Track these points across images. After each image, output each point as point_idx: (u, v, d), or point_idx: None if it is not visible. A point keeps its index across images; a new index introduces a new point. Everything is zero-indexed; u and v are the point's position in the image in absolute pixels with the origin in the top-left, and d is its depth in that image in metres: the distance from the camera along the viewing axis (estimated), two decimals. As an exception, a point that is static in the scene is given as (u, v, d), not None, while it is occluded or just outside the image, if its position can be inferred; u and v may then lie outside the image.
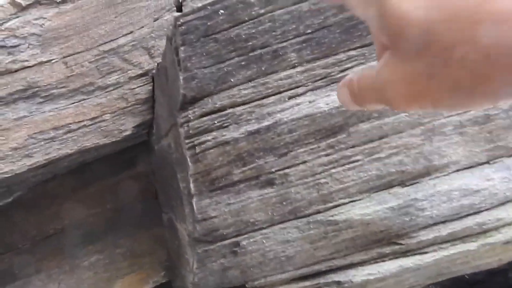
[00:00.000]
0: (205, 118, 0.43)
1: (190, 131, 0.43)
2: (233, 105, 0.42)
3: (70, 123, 0.83)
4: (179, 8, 0.82)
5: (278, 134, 0.43)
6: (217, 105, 0.42)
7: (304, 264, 0.49)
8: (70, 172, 1.03)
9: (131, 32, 0.81)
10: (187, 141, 0.43)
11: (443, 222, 0.48)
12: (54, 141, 0.84)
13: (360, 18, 0.29)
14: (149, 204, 1.12)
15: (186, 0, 0.83)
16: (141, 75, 0.82)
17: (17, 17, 0.80)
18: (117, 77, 0.82)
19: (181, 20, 0.39)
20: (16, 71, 0.81)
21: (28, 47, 0.80)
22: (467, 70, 0.20)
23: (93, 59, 0.81)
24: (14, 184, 0.92)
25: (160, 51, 0.81)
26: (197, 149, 0.43)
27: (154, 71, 0.81)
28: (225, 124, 0.43)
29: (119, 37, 0.81)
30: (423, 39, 0.21)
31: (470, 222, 0.47)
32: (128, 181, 1.12)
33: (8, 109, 0.82)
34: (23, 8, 0.80)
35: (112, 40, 0.81)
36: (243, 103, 0.42)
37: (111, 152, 0.95)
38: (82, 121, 0.83)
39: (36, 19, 0.80)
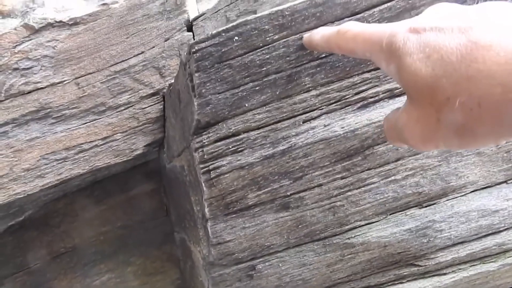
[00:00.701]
0: (219, 143, 0.43)
1: (205, 156, 0.42)
2: (247, 130, 0.42)
3: (82, 143, 0.83)
4: (189, 28, 0.83)
5: (293, 158, 0.43)
6: (231, 130, 0.42)
7: (320, 287, 0.48)
8: (81, 190, 1.04)
9: (142, 52, 0.82)
10: (201, 166, 0.43)
11: (461, 243, 0.47)
12: (66, 161, 0.85)
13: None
14: (160, 222, 1.13)
15: (197, 21, 0.84)
16: (152, 95, 0.82)
17: (30, 39, 0.81)
18: (128, 97, 0.82)
19: (196, 47, 0.40)
20: (29, 92, 0.82)
21: (41, 69, 0.81)
22: (467, 115, 0.24)
23: (104, 80, 0.82)
24: (26, 203, 0.93)
25: (170, 70, 0.82)
26: (212, 174, 0.43)
27: (165, 91, 0.81)
28: (240, 149, 0.43)
29: (130, 58, 0.82)
30: (431, 90, 0.25)
31: (489, 242, 0.47)
32: (139, 198, 1.12)
33: (20, 131, 0.83)
34: (36, 31, 0.81)
35: (123, 61, 0.82)
36: (258, 128, 0.42)
37: (122, 170, 0.96)
38: (94, 141, 0.84)
39: (48, 41, 0.81)
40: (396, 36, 0.28)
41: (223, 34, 0.41)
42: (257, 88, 0.42)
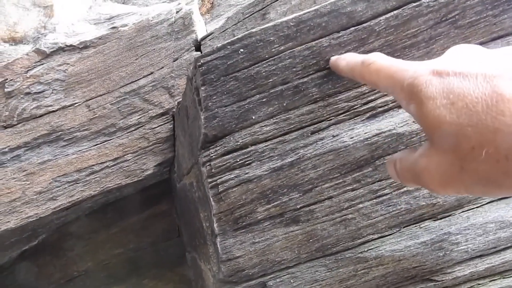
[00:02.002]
0: (227, 157, 0.42)
1: (213, 170, 0.42)
2: (255, 143, 0.42)
3: (93, 165, 0.84)
4: (197, 48, 0.84)
5: (302, 170, 0.42)
6: (239, 143, 0.42)
7: (334, 305, 0.46)
8: (93, 213, 1.04)
9: (151, 73, 0.83)
10: (209, 180, 0.43)
11: (479, 257, 0.45)
12: (77, 183, 0.85)
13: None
14: (173, 243, 1.12)
15: (205, 40, 0.85)
16: (162, 114, 0.83)
17: (42, 64, 0.83)
18: (138, 117, 0.83)
19: (201, 61, 0.40)
20: (41, 116, 0.83)
21: (52, 93, 0.83)
22: (493, 167, 0.24)
23: (114, 101, 0.83)
24: (39, 227, 0.93)
25: (179, 90, 0.83)
26: (220, 188, 0.42)
27: (174, 110, 0.82)
28: (248, 162, 0.42)
29: (140, 78, 0.83)
30: (455, 138, 0.25)
31: (509, 256, 0.45)
32: (151, 220, 1.12)
33: (33, 154, 0.84)
34: (47, 55, 0.83)
35: (133, 82, 0.83)
36: (265, 140, 0.42)
37: (133, 191, 0.96)
38: (105, 162, 0.84)
39: (59, 65, 0.83)
40: (418, 78, 0.28)
41: (229, 46, 0.41)
42: (263, 100, 0.42)
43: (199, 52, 0.84)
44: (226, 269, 0.46)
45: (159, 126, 0.84)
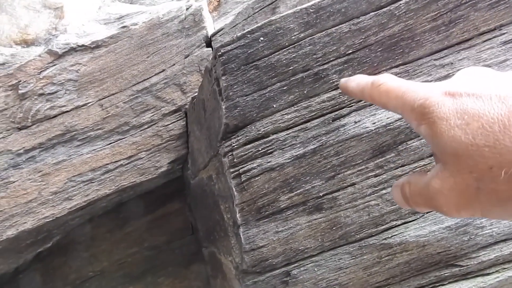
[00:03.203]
0: (249, 146, 0.42)
1: (235, 160, 0.42)
2: (276, 131, 0.42)
3: (108, 164, 0.84)
4: (208, 44, 0.84)
5: (325, 157, 0.42)
6: (260, 132, 0.42)
7: (359, 292, 0.46)
8: (107, 213, 1.04)
9: (163, 70, 0.83)
10: (231, 170, 0.43)
11: (504, 241, 0.45)
12: (92, 183, 0.85)
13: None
14: (187, 241, 1.12)
15: (215, 36, 0.85)
16: (174, 111, 0.83)
17: (54, 65, 0.83)
18: (151, 115, 0.83)
19: (221, 50, 0.40)
20: (55, 117, 0.84)
21: (65, 93, 0.83)
22: None
23: (127, 99, 0.83)
24: (54, 228, 0.93)
25: (192, 86, 0.83)
26: (243, 178, 0.42)
27: (187, 106, 0.82)
28: (270, 150, 0.42)
29: (152, 76, 0.83)
30: (471, 159, 0.25)
31: (534, 238, 0.44)
32: (164, 218, 1.12)
33: (47, 154, 0.84)
34: (60, 56, 0.83)
35: (145, 80, 0.83)
36: (287, 128, 0.42)
37: (147, 189, 0.96)
38: (119, 160, 0.84)
39: (72, 65, 0.83)
40: (430, 99, 0.28)
41: (248, 35, 0.41)
42: (284, 88, 0.42)
43: (210, 49, 0.84)
44: (249, 259, 0.46)
45: (172, 123, 0.84)
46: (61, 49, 0.82)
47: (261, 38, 0.41)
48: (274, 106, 0.42)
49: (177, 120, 0.84)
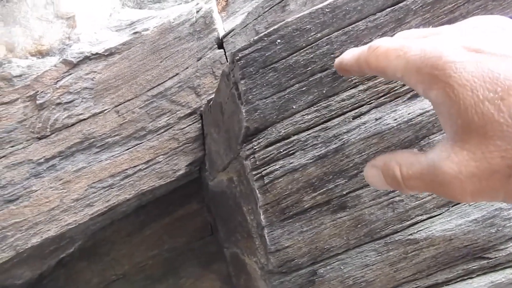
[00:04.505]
0: (270, 148, 0.42)
1: (257, 163, 0.42)
2: (297, 132, 0.42)
3: (126, 169, 0.85)
4: (220, 46, 0.84)
5: (347, 155, 0.42)
6: (281, 134, 0.42)
7: (386, 289, 0.46)
8: (126, 217, 1.05)
9: (177, 74, 0.84)
10: (254, 172, 0.43)
11: (532, 230, 0.45)
12: (112, 188, 0.86)
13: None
14: (206, 241, 1.13)
15: (227, 37, 0.85)
16: (190, 114, 0.84)
17: (70, 74, 0.84)
18: (166, 119, 0.84)
19: (239, 55, 0.40)
20: (73, 125, 0.85)
21: (82, 101, 0.84)
22: None
23: (142, 105, 0.84)
24: (76, 234, 0.95)
25: (205, 88, 0.83)
26: (266, 180, 0.42)
27: (202, 109, 0.83)
28: (292, 152, 0.42)
29: (166, 81, 0.84)
30: (506, 142, 0.21)
31: (563, 227, 0.44)
32: (183, 220, 1.13)
33: (67, 162, 0.86)
34: (75, 65, 0.84)
35: (159, 84, 0.84)
36: (308, 129, 0.42)
37: (165, 193, 0.97)
38: (137, 165, 0.85)
39: (87, 73, 0.84)
40: (444, 58, 0.22)
41: (265, 38, 0.41)
42: (303, 88, 0.42)
43: (221, 50, 0.84)
44: (275, 260, 0.46)
45: (187, 126, 0.85)
46: (76, 58, 0.83)
47: (278, 41, 0.41)
48: (294, 107, 0.42)
49: (193, 123, 0.85)
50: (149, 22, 0.90)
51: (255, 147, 0.43)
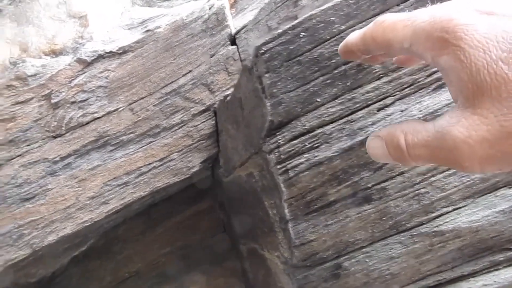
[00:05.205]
0: (295, 141, 0.42)
1: (281, 156, 0.42)
2: (322, 125, 0.42)
3: (141, 166, 0.85)
4: (232, 42, 0.84)
5: (372, 148, 0.42)
6: (306, 127, 0.42)
7: (410, 281, 0.46)
8: (138, 216, 1.06)
9: (190, 71, 0.84)
10: (278, 166, 0.43)
11: (560, 221, 0.44)
12: (127, 186, 0.86)
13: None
14: (219, 238, 1.13)
15: (239, 33, 0.85)
16: (204, 111, 0.84)
17: (84, 73, 0.84)
18: (180, 116, 0.84)
19: (263, 48, 0.40)
20: (87, 123, 0.85)
21: (96, 99, 0.84)
22: None
23: (156, 102, 0.84)
24: (89, 232, 0.95)
25: (219, 85, 0.83)
26: (291, 173, 0.43)
27: (215, 106, 0.83)
28: (316, 145, 0.42)
29: (179, 78, 0.84)
30: None
31: None
32: (195, 217, 1.13)
33: (82, 161, 0.86)
34: (89, 64, 0.85)
35: (173, 82, 0.84)
36: (332, 121, 0.42)
37: (178, 190, 0.97)
38: (152, 163, 0.85)
39: (101, 72, 0.84)
40: (455, 20, 0.22)
41: (289, 31, 0.41)
42: (328, 81, 0.42)
43: (234, 46, 0.84)
44: (299, 253, 0.46)
45: (201, 123, 0.85)
46: (90, 57, 0.84)
47: (302, 33, 0.41)
48: (318, 100, 0.42)
49: (207, 120, 0.85)
50: (161, 20, 0.90)
51: (279, 141, 0.43)
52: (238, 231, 0.83)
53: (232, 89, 0.80)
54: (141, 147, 0.85)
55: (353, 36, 0.32)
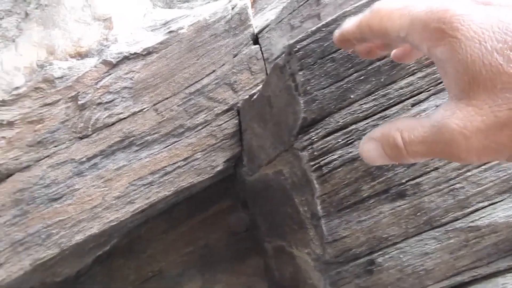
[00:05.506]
0: (329, 138, 0.43)
1: (315, 153, 0.43)
2: (355, 121, 0.42)
3: (166, 166, 0.86)
4: (255, 41, 0.85)
5: (406, 143, 0.42)
6: (339, 123, 0.42)
7: (444, 277, 0.46)
8: (160, 215, 1.07)
9: (213, 71, 0.84)
10: (312, 163, 0.43)
11: None
12: (152, 185, 0.88)
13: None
14: (241, 237, 1.13)
15: (262, 32, 0.86)
16: (227, 111, 0.85)
17: (109, 74, 0.86)
18: (204, 116, 0.85)
19: (297, 46, 0.40)
20: (113, 124, 0.86)
21: (122, 100, 0.86)
22: None
23: (181, 102, 0.85)
24: (114, 231, 0.96)
25: (242, 85, 0.84)
26: (324, 170, 0.43)
27: (239, 105, 0.83)
28: (350, 141, 0.42)
29: (203, 78, 0.84)
30: None
31: None
32: (217, 216, 1.14)
33: (108, 161, 0.87)
34: (114, 65, 0.86)
35: (196, 82, 0.85)
36: (366, 118, 0.42)
37: (201, 189, 0.98)
38: (176, 162, 0.86)
39: (126, 73, 0.86)
40: (451, 10, 0.21)
41: (323, 29, 0.41)
42: (361, 78, 0.42)
43: (257, 46, 0.85)
44: (332, 250, 0.47)
45: (225, 122, 0.86)
46: (115, 59, 0.85)
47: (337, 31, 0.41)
48: (352, 96, 0.42)
49: (230, 119, 0.85)
50: (183, 21, 0.91)
51: (312, 138, 0.44)
52: (263, 229, 0.84)
53: (255, 88, 0.81)
54: (165, 147, 0.87)
55: (349, 24, 0.31)
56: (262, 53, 0.83)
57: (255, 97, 0.63)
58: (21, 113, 0.86)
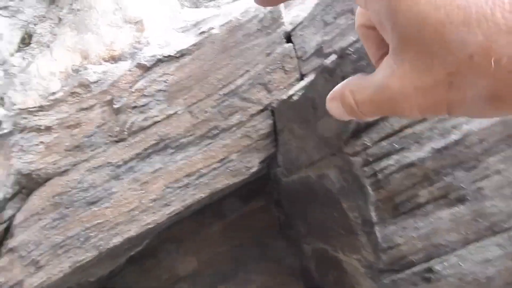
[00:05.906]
0: (383, 143, 0.41)
1: (369, 158, 0.41)
2: (411, 125, 0.40)
3: (201, 168, 0.86)
4: (288, 39, 0.83)
5: (467, 146, 0.40)
6: (395, 127, 0.40)
7: (508, 285, 0.44)
8: (191, 216, 1.07)
9: (247, 71, 0.83)
10: (365, 169, 0.42)
11: None
12: (188, 188, 0.87)
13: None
14: (275, 237, 1.12)
15: (295, 30, 0.84)
16: (261, 111, 0.83)
17: (144, 77, 0.86)
18: (239, 116, 0.84)
19: (350, 49, 0.39)
20: (148, 127, 0.86)
21: (156, 103, 0.86)
22: (501, 80, 0.18)
23: (215, 104, 0.84)
24: (149, 233, 0.97)
25: (276, 84, 0.82)
26: (379, 175, 0.41)
27: (273, 105, 0.82)
28: (407, 145, 0.41)
29: (237, 78, 0.83)
30: (444, 45, 0.18)
31: None
32: (249, 216, 1.13)
33: (144, 164, 0.87)
34: (148, 69, 0.86)
35: (230, 82, 0.83)
36: (422, 120, 0.40)
37: (234, 189, 0.97)
38: (211, 164, 0.86)
39: (160, 76, 0.85)
40: None
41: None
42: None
43: (290, 44, 0.83)
44: (386, 257, 0.45)
45: (259, 122, 0.84)
46: (149, 62, 0.85)
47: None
48: (408, 99, 0.41)
49: (265, 119, 0.84)
50: (214, 21, 0.90)
51: (366, 143, 0.42)
52: (302, 231, 0.83)
53: (290, 87, 0.79)
54: (200, 149, 0.86)
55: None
56: (296, 51, 0.82)
57: (295, 98, 0.62)
58: (59, 118, 0.87)
